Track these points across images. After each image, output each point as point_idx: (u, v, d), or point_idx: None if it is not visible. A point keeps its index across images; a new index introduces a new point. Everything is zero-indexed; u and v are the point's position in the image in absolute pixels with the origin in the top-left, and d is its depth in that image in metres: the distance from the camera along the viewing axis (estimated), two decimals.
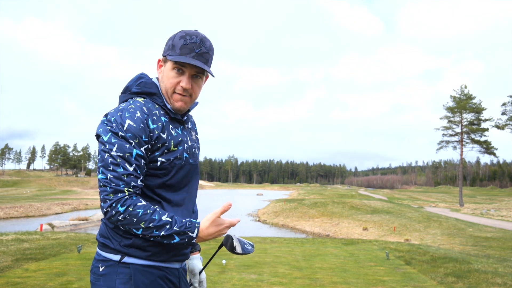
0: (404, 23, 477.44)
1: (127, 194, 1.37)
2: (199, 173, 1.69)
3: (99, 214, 30.80)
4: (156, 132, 1.46)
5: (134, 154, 1.40)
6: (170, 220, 1.38)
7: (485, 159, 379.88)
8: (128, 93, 1.55)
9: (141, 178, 1.42)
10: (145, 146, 1.43)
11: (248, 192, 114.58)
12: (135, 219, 1.36)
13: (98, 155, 1.42)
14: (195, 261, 1.77)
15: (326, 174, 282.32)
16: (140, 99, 1.51)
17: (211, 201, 52.57)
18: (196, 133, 1.78)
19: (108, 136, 1.40)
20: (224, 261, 7.24)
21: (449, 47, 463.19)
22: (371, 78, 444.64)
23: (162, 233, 1.36)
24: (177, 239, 1.38)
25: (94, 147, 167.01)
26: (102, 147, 1.40)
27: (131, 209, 1.35)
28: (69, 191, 76.55)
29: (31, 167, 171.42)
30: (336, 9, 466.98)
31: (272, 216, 35.57)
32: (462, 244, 17.32)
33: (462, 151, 47.79)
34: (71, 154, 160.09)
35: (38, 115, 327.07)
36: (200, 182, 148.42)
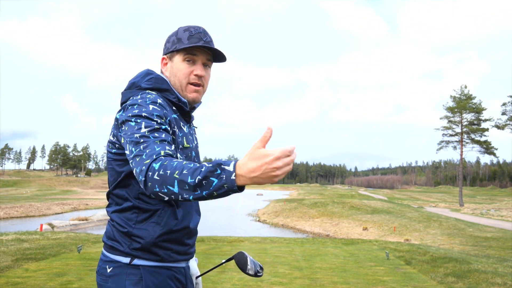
0: (407, 23, 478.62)
1: (163, 155, 1.21)
2: None
3: (99, 214, 30.80)
4: (173, 124, 1.44)
5: (163, 128, 1.33)
6: (201, 164, 1.14)
7: (485, 159, 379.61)
8: (136, 89, 1.51)
9: (173, 146, 1.31)
10: (170, 130, 1.40)
11: (248, 192, 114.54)
12: (169, 171, 1.12)
13: (128, 127, 1.32)
14: (190, 263, 1.72)
15: (326, 174, 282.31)
16: (154, 93, 1.48)
17: (211, 201, 52.53)
18: (195, 134, 1.78)
19: (134, 118, 1.33)
20: (224, 261, 7.23)
21: (452, 48, 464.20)
22: (374, 78, 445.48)
23: (198, 177, 1.08)
24: (215, 181, 1.08)
25: (94, 147, 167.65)
26: (130, 127, 1.32)
27: (165, 163, 1.15)
28: (69, 191, 76.56)
29: (31, 167, 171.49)
30: (339, 9, 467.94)
31: (272, 216, 35.56)
32: (462, 244, 17.32)
33: (462, 151, 47.79)
34: (71, 154, 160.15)
35: (41, 115, 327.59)
36: None
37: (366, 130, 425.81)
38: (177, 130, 1.47)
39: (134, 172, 1.23)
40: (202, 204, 1.74)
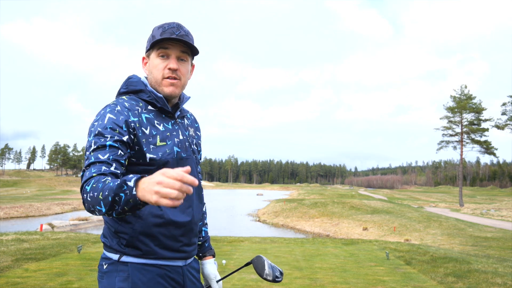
0: (410, 24, 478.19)
1: (94, 176, 1.30)
2: (196, 166, 1.68)
3: None
4: (138, 125, 1.47)
5: (107, 145, 1.38)
6: (116, 180, 1.23)
7: (485, 159, 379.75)
8: (117, 95, 1.60)
9: (114, 165, 1.36)
10: (127, 136, 1.43)
11: (248, 192, 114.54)
12: (96, 193, 1.22)
13: (87, 145, 1.43)
14: (208, 266, 1.76)
15: (326, 174, 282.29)
16: (124, 97, 1.55)
17: (211, 201, 52.55)
18: (197, 130, 1.79)
19: (89, 136, 1.43)
20: (224, 261, 7.23)
21: (455, 48, 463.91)
22: (377, 78, 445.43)
23: (112, 195, 1.16)
24: (123, 196, 1.15)
25: None
26: (89, 141, 1.42)
27: (94, 185, 1.24)
28: (69, 191, 76.53)
29: (31, 167, 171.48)
30: (343, 10, 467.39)
31: (272, 216, 35.56)
32: (462, 244, 17.32)
33: (462, 151, 47.78)
34: (71, 154, 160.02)
35: (45, 116, 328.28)
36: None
37: (366, 130, 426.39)
38: (148, 130, 1.50)
39: None
40: None
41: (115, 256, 1.46)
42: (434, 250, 9.98)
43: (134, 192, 1.13)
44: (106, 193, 1.18)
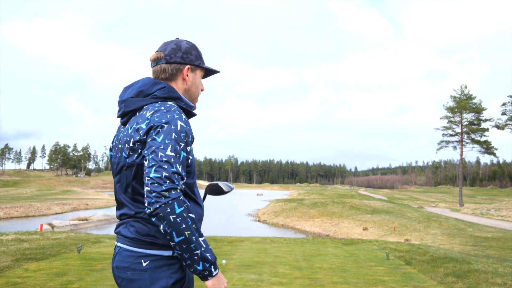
0: (410, 24, 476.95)
1: (181, 194, 1.40)
2: None
3: (99, 214, 30.79)
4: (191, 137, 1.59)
5: (182, 156, 1.46)
6: (209, 247, 1.46)
7: (485, 159, 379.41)
8: (150, 97, 1.59)
9: (184, 180, 1.47)
10: (190, 147, 1.54)
11: (248, 192, 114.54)
12: (184, 225, 1.37)
13: (151, 152, 1.43)
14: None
15: (326, 174, 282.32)
16: (171, 103, 1.59)
17: (211, 201, 52.48)
18: None
19: (162, 136, 1.44)
20: (224, 261, 7.23)
21: (455, 48, 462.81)
22: (376, 78, 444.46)
23: (199, 251, 1.40)
24: (200, 266, 1.42)
25: (94, 147, 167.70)
26: (157, 145, 1.43)
27: (185, 214, 1.38)
28: (69, 191, 76.55)
29: (31, 167, 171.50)
30: (342, 10, 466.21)
31: (272, 216, 35.57)
32: (462, 244, 17.33)
33: (462, 151, 47.79)
34: (71, 154, 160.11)
35: (45, 116, 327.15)
36: (200, 182, 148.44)
37: (366, 130, 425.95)
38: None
39: (146, 186, 1.40)
40: (203, 204, 1.89)
41: (166, 252, 1.51)
42: (434, 250, 9.98)
43: (209, 278, 1.46)
44: (205, 246, 1.42)
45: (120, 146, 1.58)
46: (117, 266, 1.55)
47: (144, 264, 1.49)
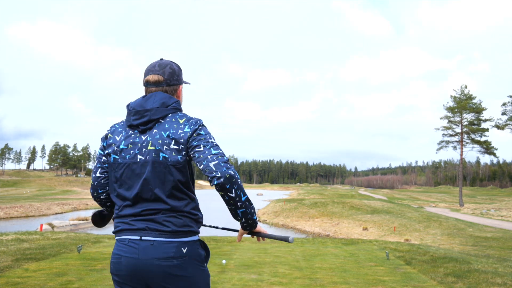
0: (411, 25, 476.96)
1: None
2: None
3: None
4: None
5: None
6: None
7: (485, 159, 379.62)
8: (171, 108, 1.89)
9: None
10: None
11: (248, 192, 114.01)
12: (243, 186, 1.78)
13: (204, 140, 1.78)
14: None
15: (326, 174, 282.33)
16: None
17: (211, 201, 52.46)
18: None
19: (203, 131, 1.83)
20: (224, 261, 7.23)
21: (455, 48, 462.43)
22: (378, 79, 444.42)
23: (253, 204, 1.84)
24: (255, 216, 1.86)
25: (94, 147, 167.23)
26: (205, 136, 1.80)
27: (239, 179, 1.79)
28: (69, 191, 76.56)
29: (31, 167, 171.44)
30: (344, 11, 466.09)
31: (272, 216, 35.58)
32: (462, 244, 17.33)
33: (462, 151, 47.80)
34: (71, 154, 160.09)
35: (47, 116, 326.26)
36: (200, 182, 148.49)
37: (366, 130, 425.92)
38: None
39: (206, 165, 1.72)
40: (203, 204, 1.99)
41: (196, 238, 1.84)
42: (434, 250, 9.98)
43: (255, 224, 1.90)
44: (250, 200, 1.82)
45: (143, 149, 1.80)
46: (159, 258, 1.72)
47: (184, 251, 1.76)
